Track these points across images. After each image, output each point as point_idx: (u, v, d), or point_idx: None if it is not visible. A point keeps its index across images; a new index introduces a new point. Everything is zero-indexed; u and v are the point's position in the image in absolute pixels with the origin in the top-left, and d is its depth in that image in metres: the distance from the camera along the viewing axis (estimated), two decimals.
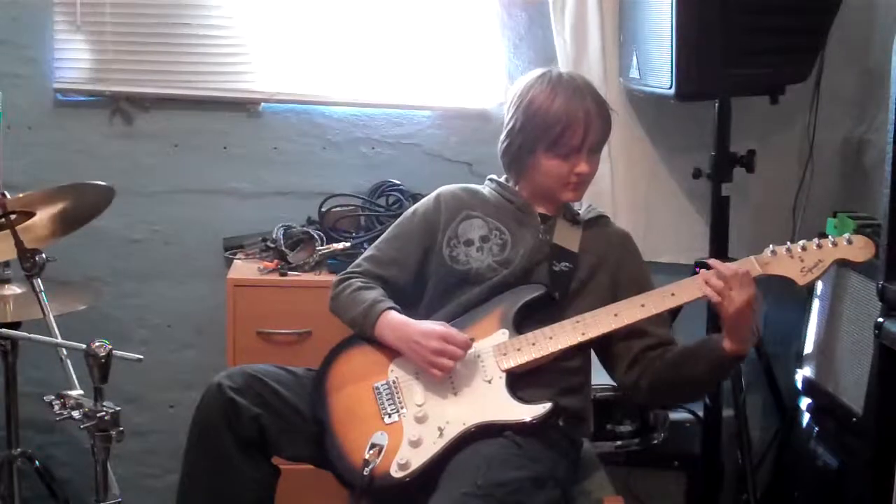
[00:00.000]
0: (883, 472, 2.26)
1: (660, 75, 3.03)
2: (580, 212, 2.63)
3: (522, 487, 2.19)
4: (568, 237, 2.56)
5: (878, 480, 2.27)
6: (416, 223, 2.61)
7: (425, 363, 2.37)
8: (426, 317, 2.52)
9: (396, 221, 2.69)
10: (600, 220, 2.64)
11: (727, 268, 2.27)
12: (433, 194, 2.66)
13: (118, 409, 2.03)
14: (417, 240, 2.59)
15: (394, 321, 2.44)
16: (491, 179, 2.68)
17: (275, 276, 3.20)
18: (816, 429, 3.10)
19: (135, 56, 3.47)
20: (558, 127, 2.44)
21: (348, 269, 2.62)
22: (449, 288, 2.54)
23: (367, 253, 2.65)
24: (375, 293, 2.50)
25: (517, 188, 2.62)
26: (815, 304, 3.17)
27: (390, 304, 2.47)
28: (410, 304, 2.58)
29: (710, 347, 2.35)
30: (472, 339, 2.39)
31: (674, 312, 3.22)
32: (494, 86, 3.58)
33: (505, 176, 2.66)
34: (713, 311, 2.41)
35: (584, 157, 2.47)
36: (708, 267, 2.31)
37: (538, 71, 2.57)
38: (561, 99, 2.46)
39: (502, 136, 2.58)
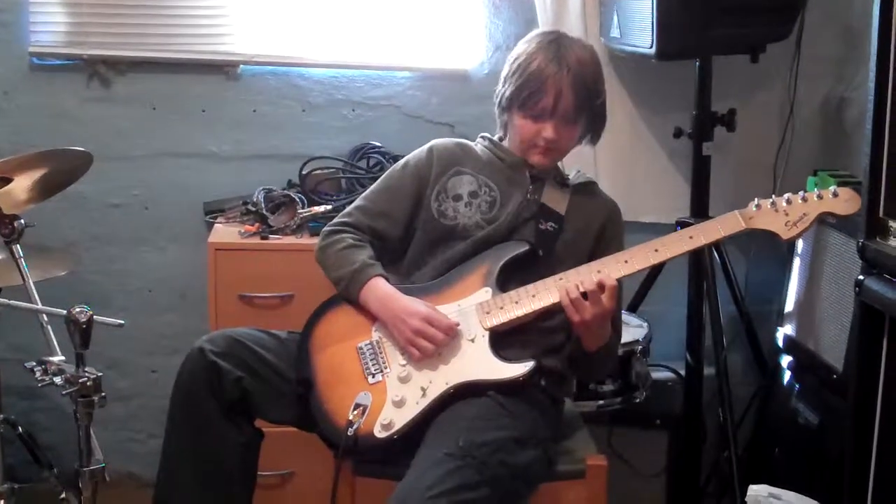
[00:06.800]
0: (863, 429, 2.27)
1: (641, 34, 3.02)
2: (570, 176, 2.63)
3: (504, 447, 2.20)
4: (556, 199, 2.55)
5: (858, 437, 2.28)
6: (408, 175, 2.59)
7: (405, 342, 2.37)
8: (410, 272, 2.53)
9: (387, 172, 2.66)
10: (589, 187, 2.64)
11: (590, 283, 2.29)
12: (426, 146, 2.63)
13: (100, 374, 2.04)
14: (408, 192, 2.57)
15: (380, 290, 2.43)
16: (483, 137, 2.67)
17: (256, 240, 3.20)
18: (797, 386, 3.13)
19: (111, 19, 3.42)
20: (528, 88, 2.45)
21: (338, 219, 2.58)
22: (434, 242, 2.53)
23: (357, 202, 2.62)
24: (365, 254, 2.48)
25: (508, 145, 2.61)
26: (796, 263, 3.19)
27: (378, 270, 2.46)
28: (397, 256, 2.58)
29: (577, 346, 2.46)
30: (458, 325, 2.38)
31: (655, 270, 3.25)
32: (474, 46, 3.56)
33: (498, 135, 2.65)
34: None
35: (551, 122, 2.46)
36: (688, 225, 2.30)
37: (545, 30, 2.57)
38: (539, 61, 2.45)
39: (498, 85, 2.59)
